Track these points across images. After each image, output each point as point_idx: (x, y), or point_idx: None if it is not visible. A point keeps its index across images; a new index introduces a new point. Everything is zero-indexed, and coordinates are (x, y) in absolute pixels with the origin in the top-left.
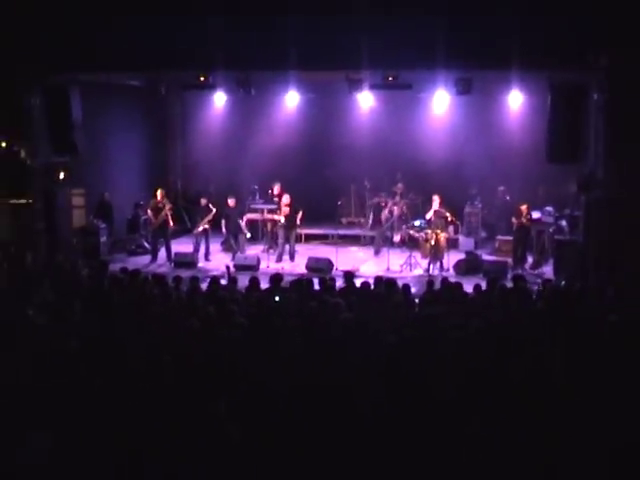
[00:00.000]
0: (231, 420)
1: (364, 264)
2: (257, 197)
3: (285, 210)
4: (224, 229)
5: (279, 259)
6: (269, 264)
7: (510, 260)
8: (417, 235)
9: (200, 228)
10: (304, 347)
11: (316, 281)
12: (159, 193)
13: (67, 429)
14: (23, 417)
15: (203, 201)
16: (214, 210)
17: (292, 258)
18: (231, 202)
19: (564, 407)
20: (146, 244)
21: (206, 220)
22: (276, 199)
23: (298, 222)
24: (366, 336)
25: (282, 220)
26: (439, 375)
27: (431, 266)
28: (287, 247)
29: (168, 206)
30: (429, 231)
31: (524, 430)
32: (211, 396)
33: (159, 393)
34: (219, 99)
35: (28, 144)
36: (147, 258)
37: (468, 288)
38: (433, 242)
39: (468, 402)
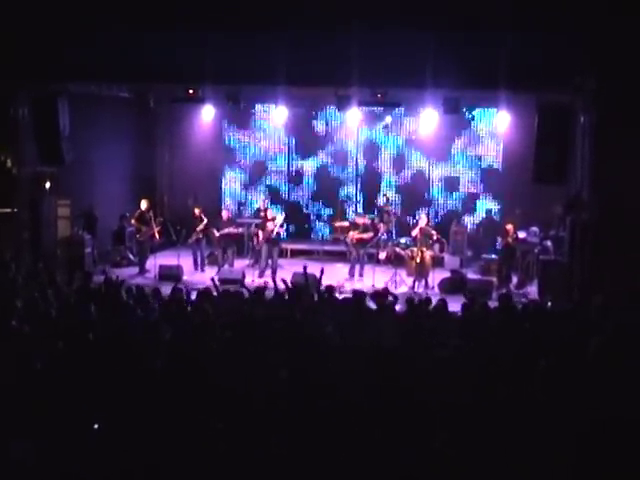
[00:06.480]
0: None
1: (349, 281)
2: (245, 212)
3: (270, 225)
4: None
5: (261, 274)
6: (254, 279)
7: (495, 279)
8: (403, 252)
9: (193, 237)
10: (289, 358)
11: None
12: (143, 203)
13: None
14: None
15: (197, 211)
16: (205, 220)
17: (274, 273)
18: (224, 215)
19: (547, 427)
20: (131, 256)
21: (199, 229)
22: (262, 214)
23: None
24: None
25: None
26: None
27: (416, 284)
28: (270, 262)
29: (158, 220)
30: (415, 249)
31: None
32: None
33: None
34: (207, 112)
35: (14, 153)
36: (132, 270)
37: (453, 307)
38: (419, 260)
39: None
